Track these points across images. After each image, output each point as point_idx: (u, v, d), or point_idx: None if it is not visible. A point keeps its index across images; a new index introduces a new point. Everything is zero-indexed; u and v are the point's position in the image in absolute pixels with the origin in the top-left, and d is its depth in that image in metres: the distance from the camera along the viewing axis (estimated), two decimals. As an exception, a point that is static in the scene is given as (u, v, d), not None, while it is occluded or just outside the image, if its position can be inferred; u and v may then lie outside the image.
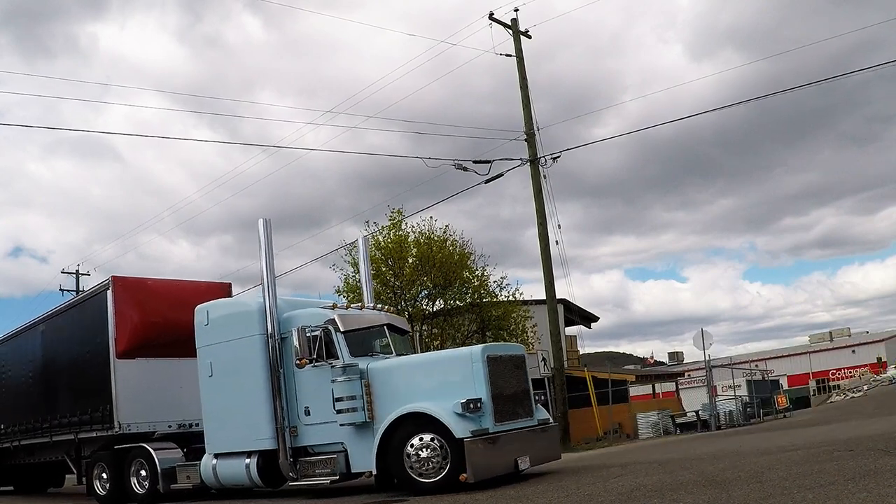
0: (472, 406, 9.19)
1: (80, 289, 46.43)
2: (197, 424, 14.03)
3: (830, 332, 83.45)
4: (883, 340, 74.93)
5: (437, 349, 21.79)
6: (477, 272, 25.86)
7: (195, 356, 14.24)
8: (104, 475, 13.77)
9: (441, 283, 24.03)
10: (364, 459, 9.98)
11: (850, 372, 66.80)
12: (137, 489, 13.11)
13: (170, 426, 13.92)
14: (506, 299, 26.69)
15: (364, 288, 13.63)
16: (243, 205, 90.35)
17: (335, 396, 10.08)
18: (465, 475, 8.96)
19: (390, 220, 24.89)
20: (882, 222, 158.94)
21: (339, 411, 10.03)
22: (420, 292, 25.02)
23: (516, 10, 22.29)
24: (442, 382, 9.73)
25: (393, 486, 10.31)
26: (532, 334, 28.23)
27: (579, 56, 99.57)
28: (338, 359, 10.31)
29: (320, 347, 10.25)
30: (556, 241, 20.74)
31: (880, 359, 67.75)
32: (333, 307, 11.13)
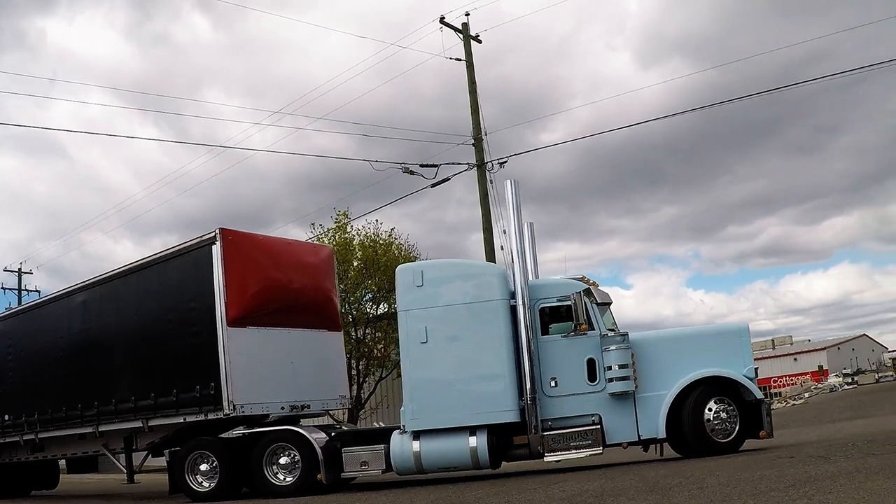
0: (756, 373, 9.70)
1: (23, 287, 44.07)
2: (309, 406, 12.00)
3: (773, 340, 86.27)
4: (824, 349, 79.73)
5: (381, 353, 22.08)
6: None
7: (311, 326, 12.50)
8: (206, 467, 11.22)
9: (385, 286, 23.45)
10: (624, 430, 9.81)
11: (792, 380, 69.84)
12: (279, 480, 10.76)
13: (282, 408, 11.65)
14: None
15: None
16: (188, 205, 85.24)
17: (605, 365, 9.70)
18: (763, 432, 9.62)
19: (336, 222, 24.38)
20: (826, 232, 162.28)
21: (609, 380, 9.63)
22: (364, 295, 24.61)
23: (467, 15, 22.25)
24: (711, 354, 9.95)
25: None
26: None
27: (528, 61, 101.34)
28: (594, 329, 10.00)
29: (579, 317, 10.03)
30: (502, 247, 20.14)
31: (822, 367, 72.07)
32: (583, 279, 10.53)
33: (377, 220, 25.00)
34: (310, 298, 12.68)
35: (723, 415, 9.70)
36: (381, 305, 24.41)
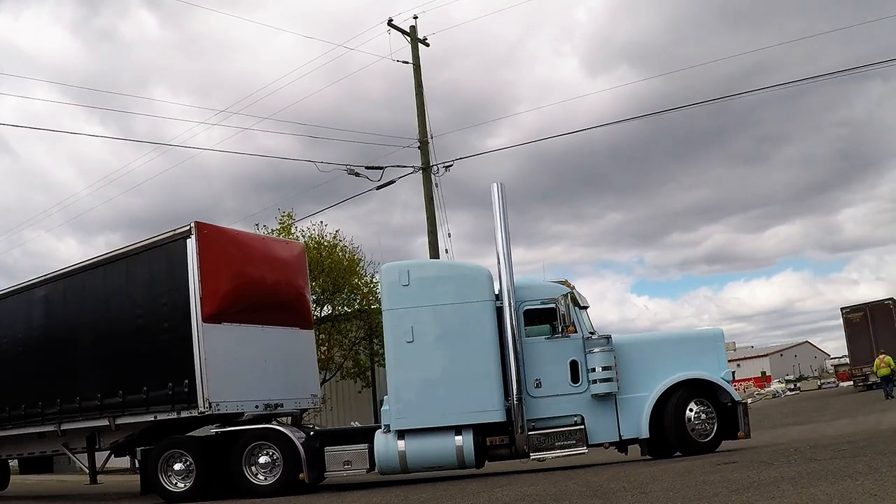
0: (733, 376, 10.17)
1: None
2: (282, 405, 11.84)
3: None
4: (767, 355, 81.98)
5: (324, 354, 22.03)
6: (366, 279, 25.77)
7: (284, 324, 12.33)
8: (180, 466, 10.90)
9: (329, 288, 23.85)
10: (605, 430, 10.00)
11: (735, 385, 71.65)
12: (258, 480, 10.54)
13: (256, 406, 11.46)
14: None
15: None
16: (132, 204, 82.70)
17: (589, 367, 9.87)
18: (742, 433, 9.98)
19: (280, 223, 24.34)
20: (769, 240, 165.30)
21: (593, 381, 9.82)
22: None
23: (415, 18, 22.29)
24: (688, 357, 10.27)
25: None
26: None
27: (476, 66, 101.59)
28: (576, 332, 10.18)
29: (562, 319, 10.16)
30: (446, 250, 20.42)
31: (764, 373, 74.15)
32: (565, 283, 10.73)
33: (322, 222, 24.97)
34: (283, 295, 12.55)
35: (703, 416, 10.04)
36: (325, 308, 24.56)
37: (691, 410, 10.00)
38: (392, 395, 10.06)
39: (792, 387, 60.69)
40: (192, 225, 11.31)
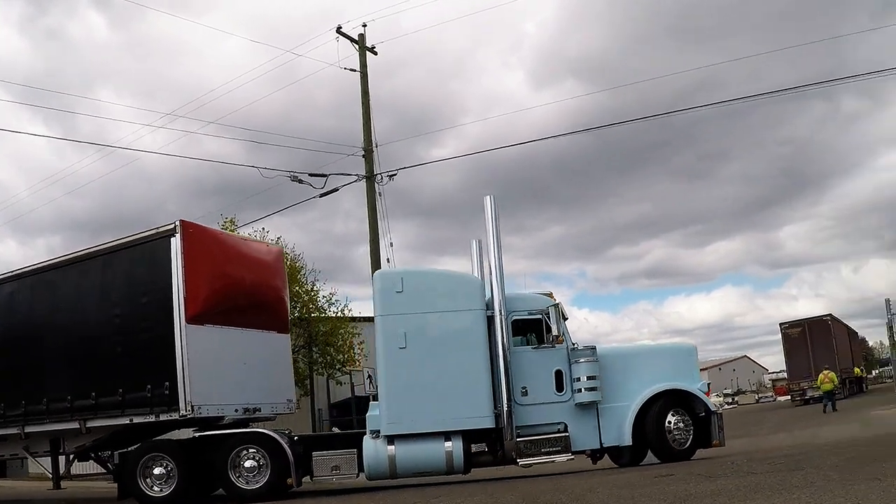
0: (708, 388, 10.70)
1: None
2: (260, 409, 11.76)
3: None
4: (706, 369, 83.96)
5: None
6: (307, 286, 26.03)
7: (262, 327, 12.27)
8: (160, 471, 10.63)
9: None
10: (587, 438, 10.33)
11: None
12: (244, 484, 10.37)
13: (236, 410, 11.36)
14: (334, 315, 26.88)
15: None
16: (75, 205, 79.36)
17: (574, 376, 10.21)
18: (717, 441, 10.60)
19: (222, 228, 23.67)
20: (709, 256, 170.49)
21: (578, 390, 10.18)
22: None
23: (364, 26, 22.47)
24: (665, 369, 10.74)
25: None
26: (359, 351, 28.55)
27: (423, 76, 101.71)
28: (562, 343, 10.53)
29: (549, 329, 10.52)
30: (388, 260, 20.45)
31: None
32: (550, 295, 11.15)
33: (264, 229, 24.77)
34: (263, 298, 12.50)
35: (681, 425, 10.52)
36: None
37: (670, 420, 10.46)
38: (383, 400, 10.13)
39: (730, 401, 62.50)
40: (178, 223, 11.18)
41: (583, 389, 10.12)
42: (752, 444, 14.94)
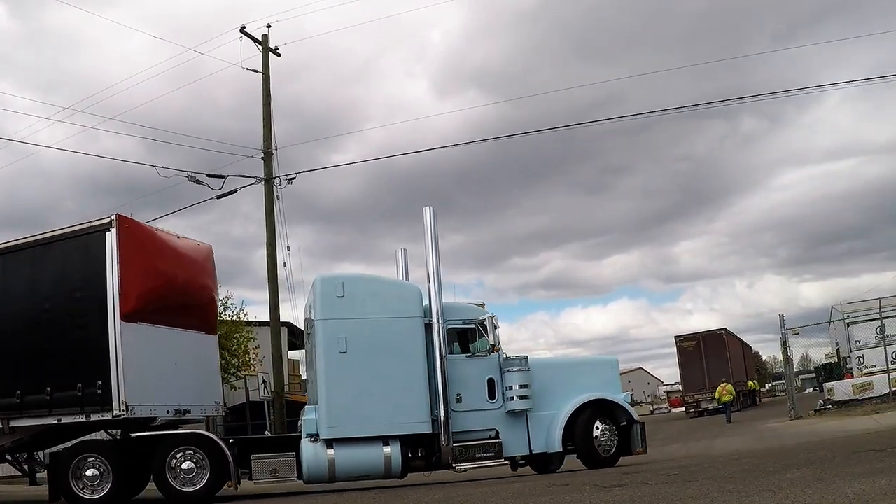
0: (632, 398, 11.51)
1: None
2: (190, 411, 11.76)
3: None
4: None
5: None
6: None
7: (192, 328, 12.32)
8: (93, 473, 10.28)
9: None
10: (517, 444, 10.82)
11: None
12: (181, 487, 10.25)
13: (168, 411, 11.27)
14: (230, 319, 26.75)
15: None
16: None
17: (506, 385, 10.69)
18: (640, 449, 11.39)
19: None
20: (607, 268, 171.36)
21: (510, 398, 10.68)
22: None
23: (268, 27, 22.30)
24: (590, 380, 11.47)
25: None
26: (254, 356, 28.39)
27: (327, 80, 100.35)
28: (494, 352, 11.05)
29: (493, 339, 11.03)
30: (285, 264, 20.50)
31: None
32: (482, 306, 11.79)
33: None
34: (195, 298, 12.42)
35: (607, 433, 11.20)
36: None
37: (597, 428, 11.12)
38: (323, 403, 10.28)
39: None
40: (113, 217, 11.00)
41: (515, 398, 10.65)
42: (647, 455, 15.61)
